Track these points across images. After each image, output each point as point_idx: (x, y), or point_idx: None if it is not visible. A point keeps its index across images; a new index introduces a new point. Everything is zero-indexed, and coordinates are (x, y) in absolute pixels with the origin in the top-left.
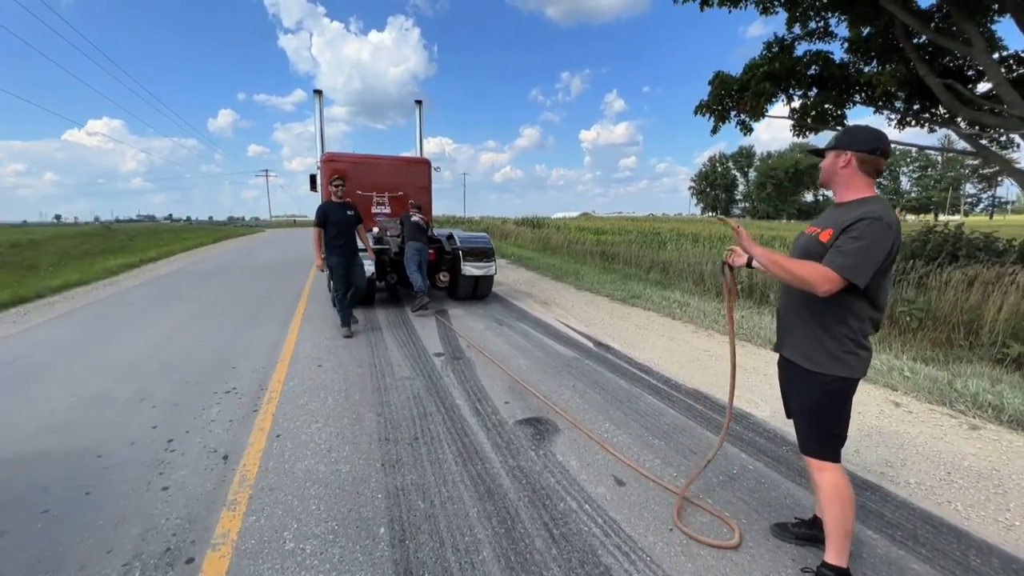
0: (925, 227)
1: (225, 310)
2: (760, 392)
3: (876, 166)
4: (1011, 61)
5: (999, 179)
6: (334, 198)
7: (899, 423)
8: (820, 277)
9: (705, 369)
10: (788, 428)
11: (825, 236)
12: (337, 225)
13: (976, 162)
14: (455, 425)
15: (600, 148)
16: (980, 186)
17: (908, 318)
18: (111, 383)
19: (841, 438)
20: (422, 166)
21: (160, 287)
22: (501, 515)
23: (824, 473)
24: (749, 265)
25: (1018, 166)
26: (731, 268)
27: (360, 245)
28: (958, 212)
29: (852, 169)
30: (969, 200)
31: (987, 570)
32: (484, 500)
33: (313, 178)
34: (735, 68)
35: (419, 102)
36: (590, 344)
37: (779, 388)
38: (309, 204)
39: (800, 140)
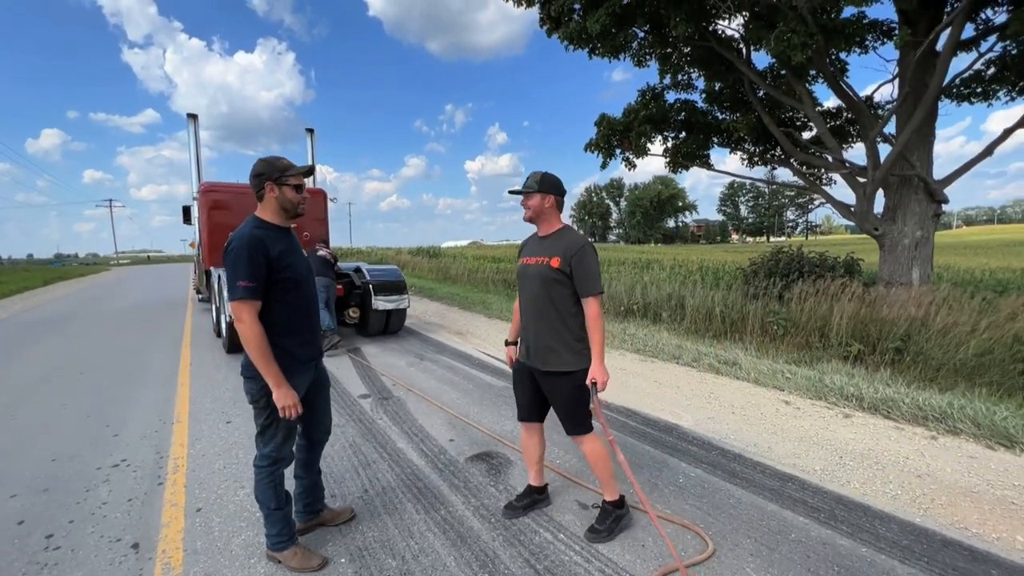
0: (776, 249)
1: (87, 367)
2: (679, 404)
3: (561, 205)
4: (828, 117)
5: (810, 207)
6: (276, 219)
7: (793, 419)
8: (598, 307)
9: (626, 386)
10: (713, 435)
11: (556, 263)
12: (305, 289)
13: (793, 193)
14: (404, 471)
15: (486, 178)
16: (797, 213)
17: (776, 327)
18: None
19: (589, 412)
20: (318, 197)
21: None
22: (480, 559)
23: (589, 443)
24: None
25: (838, 198)
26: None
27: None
28: (784, 234)
29: (552, 208)
30: (790, 224)
31: (892, 535)
32: (458, 546)
33: (187, 210)
34: (605, 107)
35: (311, 130)
36: None
37: (525, 397)
38: (165, 238)
39: (670, 173)
